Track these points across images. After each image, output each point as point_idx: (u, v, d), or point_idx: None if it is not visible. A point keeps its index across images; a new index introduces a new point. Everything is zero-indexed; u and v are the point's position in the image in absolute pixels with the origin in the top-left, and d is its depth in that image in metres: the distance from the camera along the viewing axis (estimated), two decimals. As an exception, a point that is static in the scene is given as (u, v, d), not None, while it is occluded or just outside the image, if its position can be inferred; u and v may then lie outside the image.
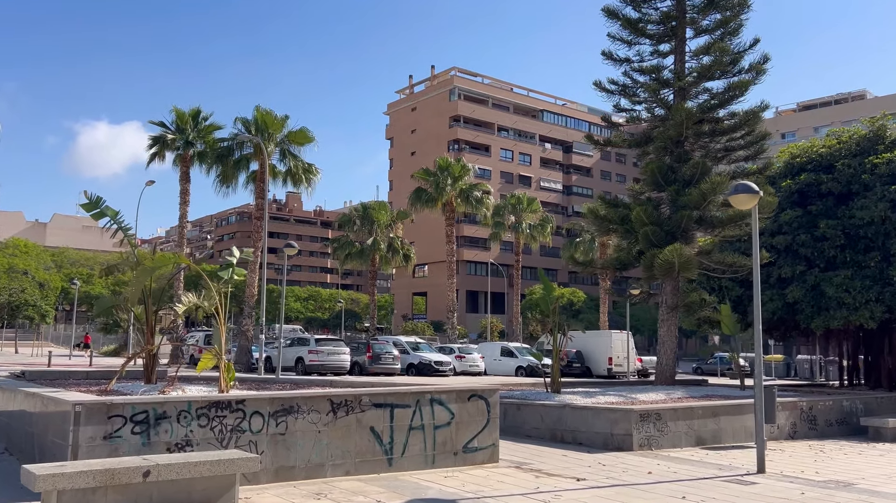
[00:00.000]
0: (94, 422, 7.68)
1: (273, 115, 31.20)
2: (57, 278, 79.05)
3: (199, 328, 41.92)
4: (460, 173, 41.42)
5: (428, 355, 32.39)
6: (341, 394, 9.46)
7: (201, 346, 37.46)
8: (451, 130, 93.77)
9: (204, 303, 10.12)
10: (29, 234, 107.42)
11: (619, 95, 19.95)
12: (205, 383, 12.46)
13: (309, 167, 32.83)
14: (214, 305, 10.27)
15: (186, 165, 37.10)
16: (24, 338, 58.70)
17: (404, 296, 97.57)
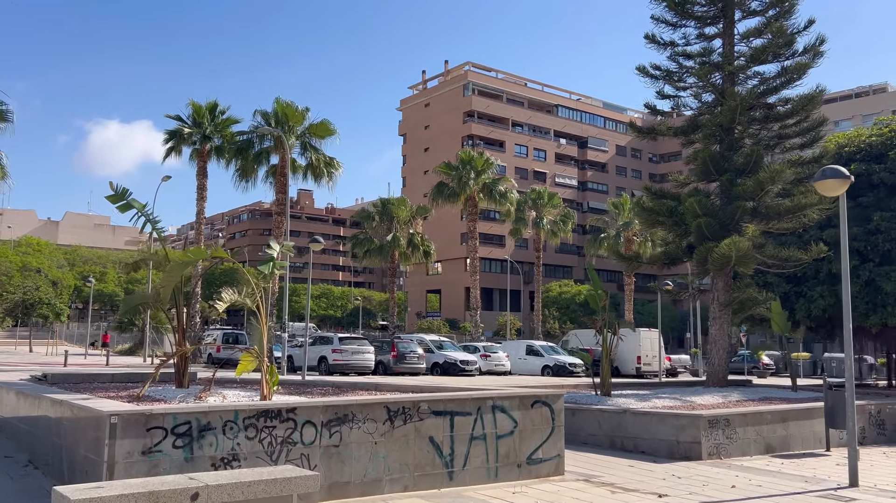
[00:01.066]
0: (131, 434, 6.80)
1: (294, 106, 30.34)
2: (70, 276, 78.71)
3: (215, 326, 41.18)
4: (483, 167, 40.40)
5: (453, 354, 31.47)
6: (398, 400, 8.56)
7: (220, 345, 36.73)
8: (465, 126, 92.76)
9: (246, 299, 9.23)
10: (41, 233, 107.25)
11: (664, 81, 18.93)
12: (240, 387, 11.58)
13: (330, 161, 31.96)
14: (256, 302, 9.39)
15: (203, 160, 36.33)
16: (38, 337, 58.20)
17: (418, 294, 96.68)
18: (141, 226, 11.11)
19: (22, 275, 65.18)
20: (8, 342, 61.37)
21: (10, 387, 10.33)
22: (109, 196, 11.18)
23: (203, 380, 13.01)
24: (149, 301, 11.36)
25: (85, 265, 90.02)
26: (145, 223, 11.15)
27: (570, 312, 78.54)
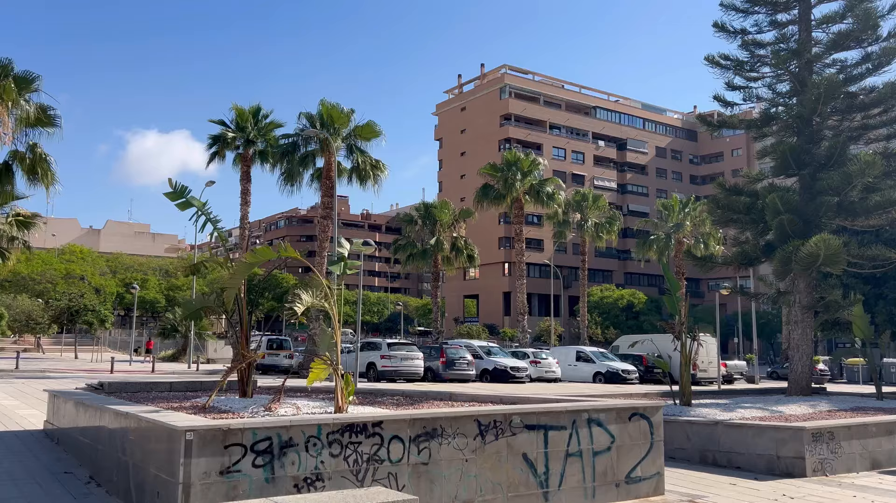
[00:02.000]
0: (208, 452, 6.12)
1: (339, 108, 29.79)
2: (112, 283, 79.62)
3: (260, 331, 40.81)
4: (529, 168, 39.45)
5: (503, 360, 30.58)
6: (489, 413, 7.78)
7: (264, 351, 36.34)
8: (502, 129, 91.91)
9: (323, 302, 8.54)
10: (84, 241, 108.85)
11: (733, 71, 17.91)
12: (304, 396, 10.92)
13: (377, 163, 31.35)
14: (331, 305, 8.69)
15: (247, 165, 36.02)
16: (82, 344, 58.68)
17: (454, 299, 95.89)
18: (201, 225, 10.52)
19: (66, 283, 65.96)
20: (54, 348, 62.03)
21: (69, 396, 9.79)
22: (168, 193, 10.63)
23: (263, 389, 12.40)
24: (210, 305, 10.74)
25: (126, 272, 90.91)
26: (205, 223, 10.57)
27: (612, 317, 77.12)
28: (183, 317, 10.47)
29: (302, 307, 8.42)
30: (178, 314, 48.61)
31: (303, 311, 8.32)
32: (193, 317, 10.97)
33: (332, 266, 9.23)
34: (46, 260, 78.59)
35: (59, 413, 10.24)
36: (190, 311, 10.91)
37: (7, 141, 24.88)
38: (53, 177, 25.93)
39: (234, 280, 8.97)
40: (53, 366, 37.36)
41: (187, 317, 10.76)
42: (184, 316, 10.39)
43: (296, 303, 8.32)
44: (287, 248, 9.01)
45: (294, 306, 8.34)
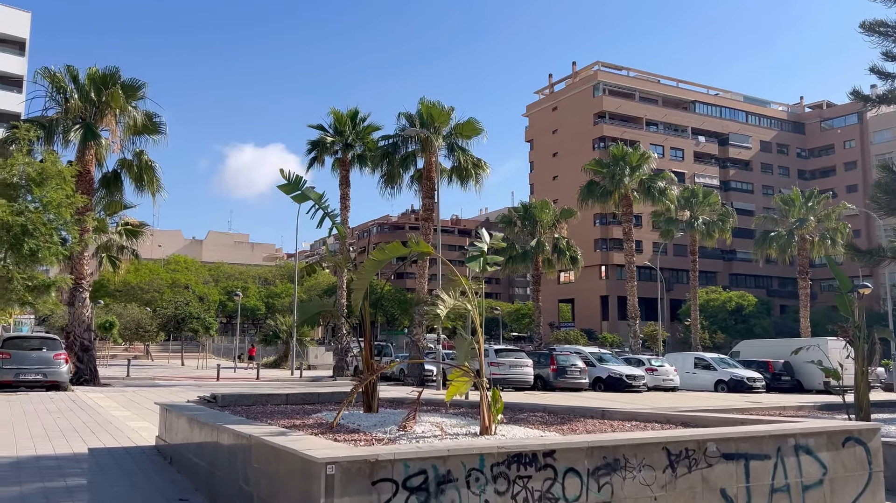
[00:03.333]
0: (353, 490, 4.94)
1: (439, 106, 28.80)
2: (215, 291, 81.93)
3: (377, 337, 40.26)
4: (639, 162, 37.34)
5: (617, 368, 28.70)
6: (680, 439, 6.30)
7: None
8: (595, 128, 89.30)
9: (466, 303, 7.30)
10: (187, 251, 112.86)
11: (893, 40, 15.68)
12: (431, 410, 9.71)
13: (478, 162, 30.17)
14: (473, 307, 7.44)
15: (346, 169, 35.58)
16: (188, 351, 60.19)
17: (549, 304, 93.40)
18: (319, 220, 9.53)
19: (172, 292, 68.19)
20: (161, 355, 64.00)
21: (181, 411, 8.93)
22: (282, 186, 9.70)
23: (385, 401, 11.28)
24: (329, 308, 9.71)
25: (227, 281, 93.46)
26: (323, 217, 9.56)
27: (720, 321, 73.16)
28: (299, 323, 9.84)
29: (444, 310, 7.21)
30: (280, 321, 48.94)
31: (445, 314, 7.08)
32: (310, 323, 9.87)
33: (471, 262, 7.96)
34: (153, 270, 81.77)
35: (172, 429, 9.43)
36: (307, 316, 9.92)
37: (116, 149, 25.12)
38: (159, 184, 26.06)
39: (362, 279, 7.86)
40: (162, 373, 38.01)
41: (304, 322, 9.71)
42: (300, 321, 9.56)
43: (438, 306, 7.10)
44: (420, 242, 7.82)
45: (436, 309, 7.12)
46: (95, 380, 24.46)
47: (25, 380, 19.23)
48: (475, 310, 7.53)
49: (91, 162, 24.33)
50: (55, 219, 18.76)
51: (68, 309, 26.60)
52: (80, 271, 24.55)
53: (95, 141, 24.03)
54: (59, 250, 18.58)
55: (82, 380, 23.85)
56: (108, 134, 24.96)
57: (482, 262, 8.08)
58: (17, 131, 19.27)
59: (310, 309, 10.07)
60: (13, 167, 17.82)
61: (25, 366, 19.28)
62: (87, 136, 23.61)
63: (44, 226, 18.09)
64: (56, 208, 18.57)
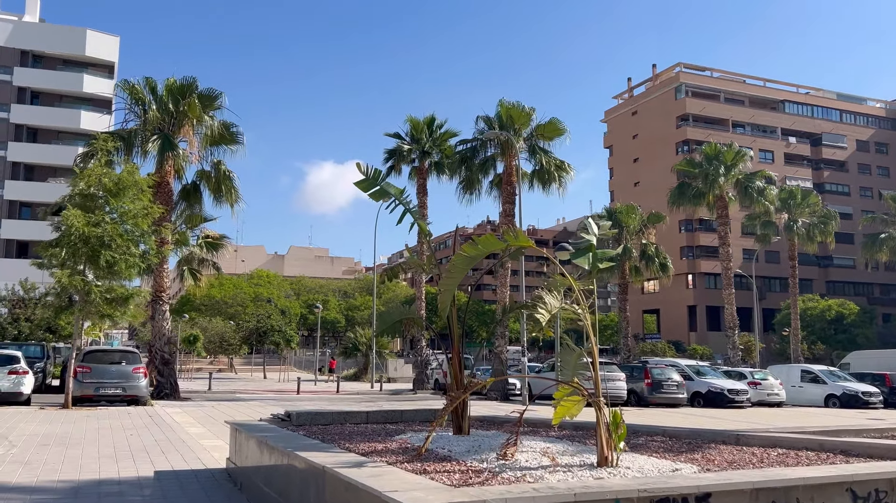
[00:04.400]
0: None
1: (519, 107, 27.56)
2: (296, 305, 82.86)
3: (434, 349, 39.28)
4: (734, 160, 34.98)
5: (718, 381, 26.58)
6: (866, 476, 4.84)
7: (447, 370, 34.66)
8: (678, 131, 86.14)
9: (576, 307, 6.05)
10: (270, 266, 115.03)
11: None
12: (529, 433, 8.43)
13: (561, 164, 28.72)
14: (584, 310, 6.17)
15: (423, 177, 34.78)
16: (269, 363, 60.66)
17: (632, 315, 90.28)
18: (399, 216, 8.49)
19: (255, 305, 69.13)
20: (245, 368, 64.78)
21: (251, 432, 7.98)
22: (359, 182, 8.72)
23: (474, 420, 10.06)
24: (411, 316, 8.62)
25: (308, 294, 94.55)
26: (404, 213, 8.51)
27: (818, 331, 68.75)
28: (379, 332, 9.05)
29: (546, 314, 5.97)
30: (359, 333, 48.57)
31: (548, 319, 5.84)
32: (391, 332, 8.73)
33: (578, 258, 6.69)
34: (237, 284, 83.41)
35: (242, 451, 8.51)
36: (386, 326, 8.84)
37: (194, 159, 24.98)
38: (237, 194, 25.77)
39: (451, 278, 6.71)
40: (244, 386, 37.99)
41: (383, 331, 8.56)
42: (380, 330, 8.65)
43: (538, 310, 5.88)
44: (518, 234, 6.61)
45: (536, 313, 5.90)
46: (176, 395, 24.22)
47: (105, 394, 18.96)
48: (587, 314, 6.25)
49: (170, 173, 24.25)
50: (132, 230, 18.49)
51: (151, 322, 26.61)
52: (160, 284, 24.45)
53: (173, 152, 23.92)
54: (137, 262, 18.27)
55: (163, 395, 23.63)
56: (186, 145, 24.90)
57: (591, 259, 6.79)
58: (95, 142, 19.16)
59: (389, 317, 8.99)
60: (90, 178, 17.63)
61: (105, 380, 19.02)
62: (164, 146, 23.52)
63: (120, 237, 17.81)
64: (132, 219, 18.31)
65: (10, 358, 18.96)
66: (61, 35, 65.20)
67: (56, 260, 17.30)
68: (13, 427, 13.51)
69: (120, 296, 18.19)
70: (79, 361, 19.20)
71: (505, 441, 6.64)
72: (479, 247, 6.62)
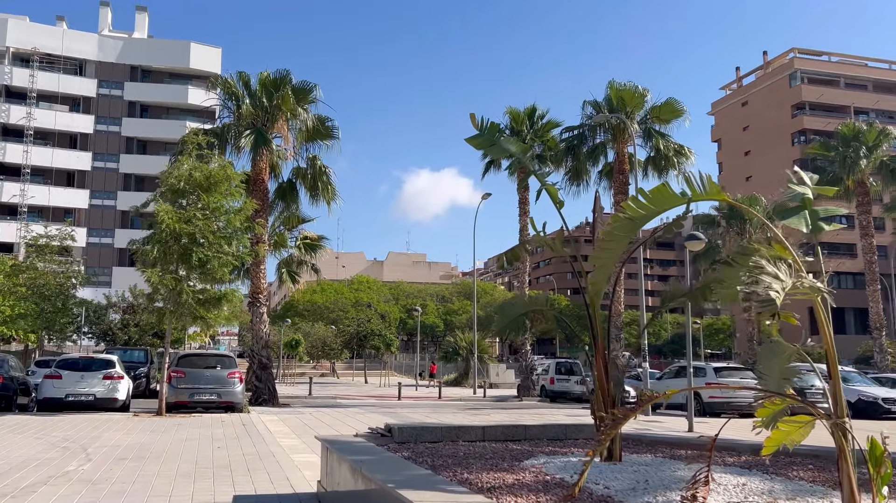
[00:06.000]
0: None
1: (632, 89, 25.21)
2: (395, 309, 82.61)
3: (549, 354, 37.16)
4: (877, 140, 31.21)
5: (870, 389, 23.31)
6: None
7: (553, 376, 32.55)
8: (794, 121, 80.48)
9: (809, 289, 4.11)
10: (370, 271, 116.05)
11: None
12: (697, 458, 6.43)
13: (680, 148, 26.13)
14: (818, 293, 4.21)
15: (523, 171, 32.78)
16: (370, 368, 60.16)
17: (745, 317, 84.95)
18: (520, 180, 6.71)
19: (355, 310, 69.11)
20: (346, 373, 64.66)
21: (344, 453, 6.40)
22: (471, 138, 7.10)
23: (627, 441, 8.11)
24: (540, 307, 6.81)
25: (407, 299, 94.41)
26: (527, 174, 6.74)
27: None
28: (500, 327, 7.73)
29: (780, 293, 4.04)
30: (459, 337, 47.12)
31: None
32: (514, 328, 6.87)
33: (790, 218, 4.71)
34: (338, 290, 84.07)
35: (334, 475, 6.96)
36: (509, 320, 7.07)
37: (289, 155, 24.06)
38: (333, 191, 24.69)
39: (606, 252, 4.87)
40: (344, 391, 37.15)
41: (504, 327, 6.71)
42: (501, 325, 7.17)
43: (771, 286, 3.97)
44: (709, 183, 4.69)
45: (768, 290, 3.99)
46: (274, 401, 23.30)
47: (200, 400, 18.07)
48: (826, 294, 4.27)
49: (265, 171, 23.44)
50: (225, 227, 17.56)
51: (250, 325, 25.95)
52: (257, 285, 23.66)
53: (267, 147, 23.07)
54: (230, 260, 17.30)
55: (261, 400, 22.75)
56: (280, 141, 24.08)
57: (810, 218, 4.77)
58: (186, 136, 18.42)
59: (512, 310, 7.21)
60: (180, 172, 16.80)
61: (200, 385, 18.14)
62: (258, 141, 22.70)
63: (212, 234, 16.89)
64: (224, 215, 17.38)
65: (106, 362, 18.44)
66: (166, 49, 67.36)
67: (148, 258, 16.54)
68: (98, 436, 12.59)
69: (213, 297, 17.28)
70: (173, 366, 18.44)
71: (692, 477, 4.71)
72: (648, 202, 4.73)
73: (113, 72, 65.99)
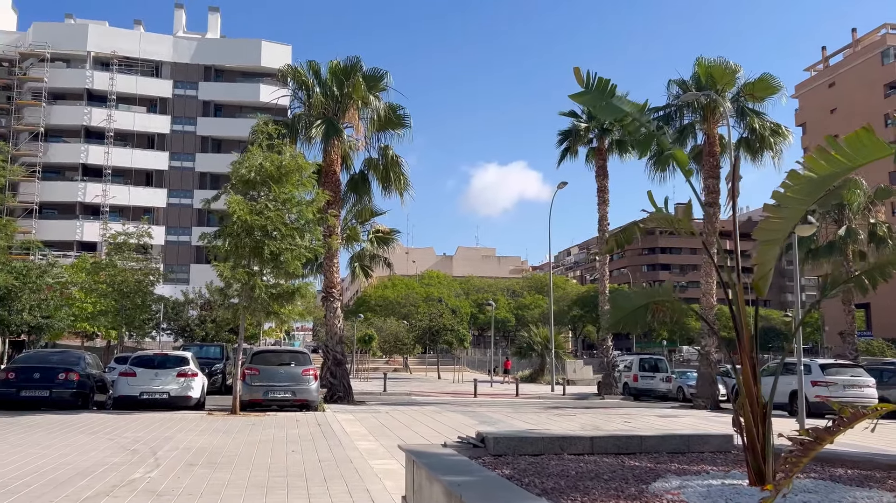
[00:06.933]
0: None
1: (722, 65, 23.45)
2: (466, 304, 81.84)
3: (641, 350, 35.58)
4: None
5: None
6: None
7: (637, 373, 31.01)
8: (887, 101, 75.98)
9: None
10: (439, 266, 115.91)
11: None
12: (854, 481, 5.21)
13: (777, 127, 24.22)
14: None
15: (602, 158, 31.44)
16: (443, 363, 59.54)
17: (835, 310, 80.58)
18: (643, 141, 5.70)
19: (426, 305, 68.68)
20: (418, 368, 64.26)
21: (435, 471, 5.46)
22: (578, 94, 6.08)
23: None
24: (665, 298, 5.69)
25: (477, 293, 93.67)
26: (651, 137, 5.73)
27: None
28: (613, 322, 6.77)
29: None
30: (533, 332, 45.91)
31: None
32: (630, 323, 5.69)
33: None
34: (409, 285, 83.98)
35: (423, 494, 6.03)
36: (624, 314, 5.96)
37: (360, 146, 23.39)
38: (406, 181, 23.91)
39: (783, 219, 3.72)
40: (418, 387, 36.50)
41: (619, 321, 5.53)
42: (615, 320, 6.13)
43: None
44: None
45: None
46: (349, 398, 22.69)
47: (274, 398, 17.53)
48: None
49: (336, 162, 22.83)
50: (297, 219, 16.95)
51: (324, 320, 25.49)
52: (330, 279, 23.09)
53: (338, 137, 22.44)
54: (303, 253, 16.68)
55: (336, 398, 22.16)
56: (352, 131, 23.45)
57: None
58: (256, 126, 17.90)
59: (629, 302, 6.09)
60: (250, 162, 16.25)
61: (274, 383, 17.60)
62: (329, 131, 22.08)
63: (284, 226, 16.29)
64: (296, 206, 16.77)
65: (180, 359, 18.12)
66: (238, 48, 68.25)
67: (219, 253, 16.06)
68: (170, 437, 12.06)
69: (286, 291, 16.70)
70: (247, 363, 17.97)
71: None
72: (840, 154, 3.56)
73: (187, 72, 67.30)
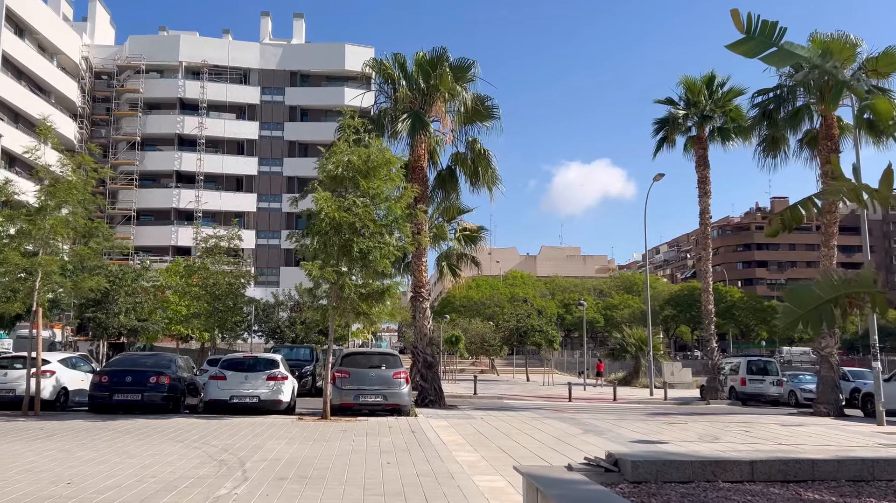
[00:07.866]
0: None
1: (841, 39, 21.38)
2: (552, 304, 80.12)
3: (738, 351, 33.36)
4: None
5: None
6: None
7: (744, 376, 28.93)
8: None
9: None
10: (523, 266, 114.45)
11: None
12: None
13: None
14: None
15: (703, 147, 29.53)
16: (531, 365, 58.16)
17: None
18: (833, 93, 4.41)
19: (512, 305, 67.48)
20: (506, 370, 63.08)
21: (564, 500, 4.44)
22: (737, 43, 4.87)
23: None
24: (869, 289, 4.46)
25: (563, 293, 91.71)
26: (837, 85, 4.43)
27: None
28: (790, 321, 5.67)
29: None
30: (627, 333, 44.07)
31: None
32: (814, 320, 4.41)
33: None
34: (493, 285, 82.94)
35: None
36: (808, 309, 4.74)
37: (448, 140, 22.54)
38: (494, 175, 22.93)
39: None
40: (508, 390, 35.42)
41: (797, 320, 4.23)
42: (791, 318, 5.03)
43: None
44: None
45: None
46: (440, 402, 21.87)
47: (366, 402, 16.85)
48: None
49: (423, 157, 22.10)
50: (386, 215, 16.24)
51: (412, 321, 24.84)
52: (419, 279, 22.36)
53: (425, 131, 21.68)
54: (392, 251, 15.95)
55: (427, 401, 21.38)
56: (438, 124, 22.65)
57: None
58: (342, 120, 17.32)
59: (810, 295, 4.86)
60: (337, 157, 15.63)
61: (365, 386, 16.93)
62: (415, 125, 21.36)
63: (373, 223, 15.60)
64: (384, 202, 16.06)
65: (270, 362, 17.69)
66: (322, 52, 68.97)
67: (307, 252, 15.53)
68: (260, 446, 11.45)
69: (375, 291, 16.01)
70: (337, 365, 17.38)
71: None
72: None
73: (274, 78, 68.50)
